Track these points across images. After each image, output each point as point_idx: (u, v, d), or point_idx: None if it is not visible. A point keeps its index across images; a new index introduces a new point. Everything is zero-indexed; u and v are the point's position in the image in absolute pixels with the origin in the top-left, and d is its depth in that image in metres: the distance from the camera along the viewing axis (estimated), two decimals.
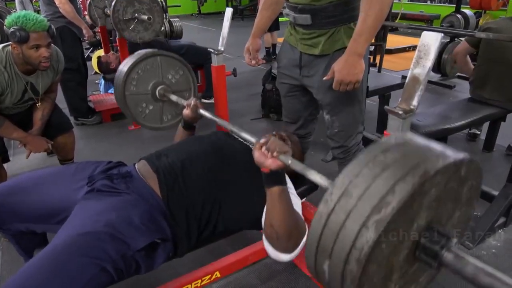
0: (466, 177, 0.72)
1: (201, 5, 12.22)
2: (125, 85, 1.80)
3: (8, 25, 1.66)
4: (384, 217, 0.60)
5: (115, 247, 1.02)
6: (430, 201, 0.67)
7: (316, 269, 0.71)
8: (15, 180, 1.30)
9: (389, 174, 0.63)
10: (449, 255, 0.67)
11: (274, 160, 1.03)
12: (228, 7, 1.90)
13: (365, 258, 0.61)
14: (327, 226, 0.66)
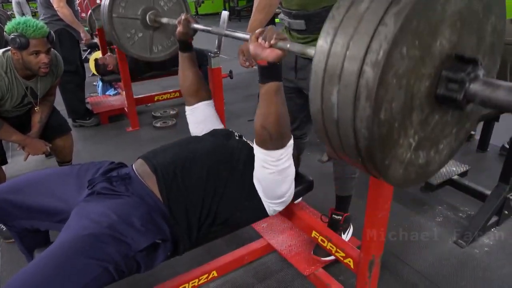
0: (490, 3, 0.65)
1: (199, 6, 12.26)
2: (112, 5, 1.69)
3: (9, 31, 1.68)
4: (405, 6, 0.52)
5: (117, 249, 1.04)
6: (454, 13, 0.59)
7: (323, 106, 0.63)
8: (21, 178, 1.32)
9: None
10: (476, 84, 0.60)
11: (272, 50, 0.99)
12: (225, 10, 1.92)
13: (384, 59, 0.53)
14: (335, 42, 0.58)
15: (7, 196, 1.26)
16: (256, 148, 1.19)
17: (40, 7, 3.20)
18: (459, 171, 2.27)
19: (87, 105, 3.68)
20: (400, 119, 0.62)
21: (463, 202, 2.21)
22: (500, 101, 0.57)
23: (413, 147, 0.69)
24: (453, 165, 2.33)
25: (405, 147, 0.68)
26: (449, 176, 2.22)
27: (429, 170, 0.79)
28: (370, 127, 0.58)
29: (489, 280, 1.69)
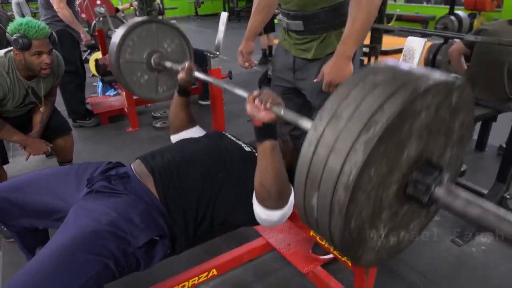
0: (458, 107, 0.69)
1: (198, 7, 12.26)
2: (120, 51, 1.76)
3: (11, 32, 1.70)
4: (373, 136, 0.58)
5: (117, 245, 1.06)
6: (420, 128, 0.64)
7: (305, 207, 0.69)
8: (21, 178, 1.34)
9: (379, 92, 0.60)
10: (440, 189, 0.65)
11: (267, 112, 1.03)
12: (224, 11, 1.94)
13: (353, 183, 0.59)
14: (316, 154, 0.64)
15: (7, 195, 1.28)
16: (255, 206, 1.20)
17: (41, 8, 3.22)
18: None
19: (87, 105, 3.70)
20: (369, 221, 0.68)
21: None
22: (456, 210, 0.64)
23: (383, 236, 0.75)
24: None
25: (376, 238, 0.74)
26: None
27: (400, 248, 0.84)
28: (341, 234, 0.65)
29: (486, 278, 1.71)
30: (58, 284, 0.95)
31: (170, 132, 1.67)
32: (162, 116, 3.72)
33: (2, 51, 1.82)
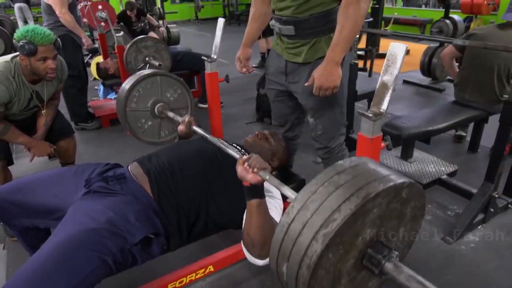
0: (408, 198, 0.83)
1: (199, 11, 12.36)
2: (126, 101, 1.93)
3: (18, 38, 1.77)
4: (330, 232, 0.71)
5: (114, 242, 1.12)
6: (373, 219, 0.78)
7: (277, 271, 0.81)
8: (22, 179, 1.41)
9: (339, 193, 0.74)
10: (389, 264, 0.79)
11: (254, 176, 1.12)
12: (224, 15, 2.01)
13: (313, 266, 0.72)
14: (287, 234, 0.77)
15: (8, 196, 1.35)
16: (244, 249, 1.25)
17: (44, 13, 3.30)
18: (448, 171, 2.35)
19: (89, 108, 3.77)
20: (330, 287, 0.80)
21: (452, 201, 2.29)
22: (401, 282, 0.77)
23: None
24: (442, 165, 2.42)
25: None
26: (438, 176, 2.30)
27: None
28: None
29: (474, 274, 1.77)
30: (58, 279, 1.01)
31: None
32: None
33: (8, 56, 1.90)
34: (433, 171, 2.35)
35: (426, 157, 2.53)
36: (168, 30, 5.78)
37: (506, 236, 2.00)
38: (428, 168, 2.38)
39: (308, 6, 1.46)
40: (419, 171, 2.35)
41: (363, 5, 1.33)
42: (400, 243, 0.93)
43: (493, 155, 1.98)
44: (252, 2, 1.80)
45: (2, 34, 3.73)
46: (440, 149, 2.98)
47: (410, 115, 2.51)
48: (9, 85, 1.82)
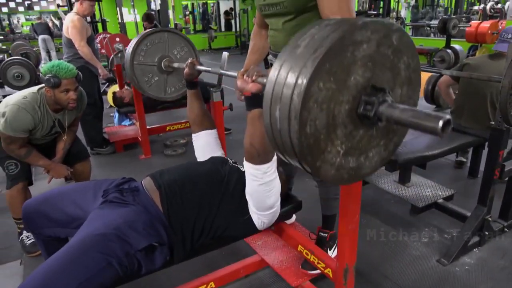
0: (400, 48, 0.83)
1: (212, 41, 12.84)
2: (134, 54, 2.01)
3: (44, 72, 1.98)
4: (318, 55, 0.72)
5: (120, 246, 1.25)
6: (364, 57, 0.78)
7: (271, 120, 0.83)
8: (47, 192, 1.57)
9: (328, 28, 0.77)
10: (383, 105, 0.80)
11: (254, 84, 1.23)
12: (225, 52, 2.19)
13: (304, 91, 0.73)
14: (279, 74, 0.79)
15: (37, 207, 1.52)
16: (246, 164, 1.40)
17: (64, 46, 3.57)
18: (445, 195, 2.43)
19: (104, 134, 3.97)
20: (325, 133, 0.81)
21: (449, 224, 2.35)
22: (395, 117, 0.78)
23: (342, 154, 0.87)
24: (439, 189, 2.50)
25: (334, 153, 0.86)
26: (434, 200, 2.38)
27: (361, 173, 0.96)
28: (299, 137, 0.78)
29: None
30: (68, 275, 1.14)
31: (192, 131, 1.90)
32: (173, 145, 3.96)
33: (35, 87, 2.11)
34: (430, 195, 2.43)
35: (424, 182, 2.62)
36: None
37: (501, 258, 2.06)
38: (425, 192, 2.46)
39: None
40: (416, 195, 2.44)
41: None
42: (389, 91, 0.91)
43: (484, 179, 2.06)
44: (251, 37, 1.98)
45: (28, 66, 4.01)
46: (441, 174, 3.06)
47: (407, 141, 2.62)
48: (34, 114, 2.02)
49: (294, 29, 1.60)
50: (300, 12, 1.56)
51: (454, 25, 5.24)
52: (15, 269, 2.13)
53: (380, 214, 2.52)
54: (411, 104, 0.94)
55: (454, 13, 9.09)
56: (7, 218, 2.54)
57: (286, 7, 1.56)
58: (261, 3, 1.67)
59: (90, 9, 3.53)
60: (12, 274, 2.09)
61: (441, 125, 0.70)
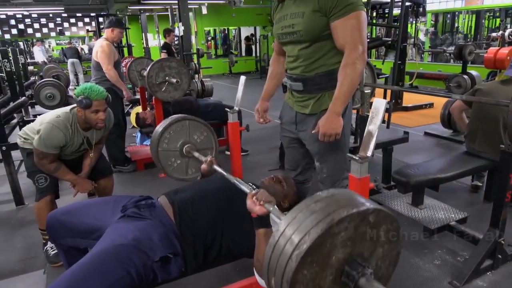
0: (377, 223, 0.95)
1: (232, 66, 13.16)
2: (158, 142, 2.23)
3: (77, 94, 2.15)
4: (300, 252, 0.84)
5: (138, 257, 1.35)
6: (343, 241, 0.89)
7: (269, 283, 0.95)
8: (70, 205, 1.70)
9: (311, 219, 0.88)
10: (363, 279, 0.91)
11: (261, 208, 1.33)
12: (242, 76, 2.32)
13: (290, 281, 0.85)
14: (273, 253, 0.92)
15: (60, 218, 1.64)
16: (255, 274, 1.45)
17: (93, 69, 3.81)
18: (458, 218, 2.44)
19: (126, 153, 4.14)
20: None
21: (462, 247, 2.35)
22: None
23: None
24: (452, 212, 2.51)
25: None
26: (447, 222, 2.39)
27: None
28: None
29: None
30: (90, 281, 1.24)
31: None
32: None
33: (68, 107, 2.29)
34: (443, 217, 2.44)
35: (437, 204, 2.63)
36: (203, 83, 6.27)
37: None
38: (438, 215, 2.48)
39: (313, 66, 1.73)
40: (428, 217, 2.46)
41: (358, 66, 1.59)
42: (382, 262, 1.03)
43: (495, 202, 2.08)
44: (270, 63, 2.11)
45: (59, 87, 4.27)
46: (456, 198, 3.06)
47: (420, 164, 2.66)
48: (66, 132, 2.18)
49: (309, 56, 1.72)
50: (315, 41, 1.68)
51: (470, 51, 5.29)
52: (38, 278, 2.24)
53: None
54: (394, 255, 1.04)
55: (474, 39, 9.13)
56: (33, 230, 2.69)
57: (302, 35, 1.68)
58: (279, 32, 1.80)
59: (119, 36, 3.78)
60: (35, 282, 2.21)
61: None
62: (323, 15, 1.61)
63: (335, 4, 1.56)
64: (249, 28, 14.96)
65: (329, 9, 1.58)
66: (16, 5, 10.91)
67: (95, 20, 10.42)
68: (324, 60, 1.72)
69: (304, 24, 1.65)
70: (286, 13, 1.74)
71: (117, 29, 3.68)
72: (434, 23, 10.43)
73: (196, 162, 2.32)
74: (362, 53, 1.60)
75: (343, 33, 1.59)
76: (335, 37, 1.63)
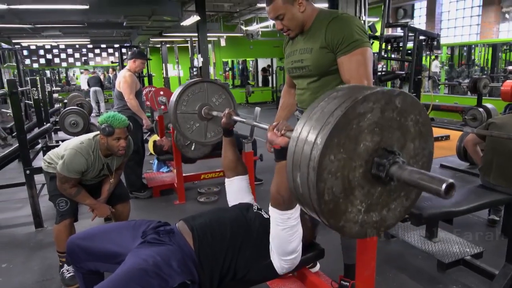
0: (405, 109, 0.89)
1: (249, 96, 13.40)
2: (177, 104, 2.22)
3: (101, 122, 2.27)
4: (326, 131, 0.80)
5: (157, 282, 1.39)
6: (370, 125, 0.84)
7: (294, 185, 0.90)
8: (90, 229, 1.76)
9: (334, 102, 0.84)
10: (394, 167, 0.86)
11: (283, 138, 1.33)
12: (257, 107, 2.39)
13: (317, 165, 0.79)
14: (297, 145, 0.87)
15: (79, 242, 1.70)
16: (271, 210, 1.52)
17: (115, 98, 3.98)
18: (473, 252, 2.40)
19: (143, 179, 4.23)
20: (343, 197, 0.88)
21: (478, 283, 2.30)
22: (404, 178, 0.86)
23: (363, 211, 0.94)
24: (467, 246, 2.47)
25: (355, 212, 0.93)
26: (462, 256, 2.36)
27: (386, 224, 1.01)
28: (319, 205, 0.87)
29: None
30: None
31: (226, 176, 2.04)
32: (206, 192, 4.13)
33: (91, 134, 2.41)
34: (457, 251, 2.41)
35: (452, 238, 2.60)
36: None
37: None
38: (452, 249, 2.45)
39: None
40: (442, 250, 2.43)
41: None
42: (415, 162, 0.97)
43: (510, 237, 2.06)
44: (281, 94, 2.20)
45: (82, 115, 4.46)
46: (472, 232, 3.00)
47: (432, 196, 2.64)
48: (88, 157, 2.29)
49: (318, 89, 1.80)
50: (323, 75, 1.75)
51: (485, 84, 5.31)
52: None
53: (406, 269, 2.50)
54: (425, 155, 1.01)
55: (490, 72, 9.13)
56: (50, 252, 2.76)
57: (311, 70, 1.76)
58: (289, 66, 1.89)
59: (141, 67, 3.96)
60: None
61: (444, 188, 0.77)
62: (330, 51, 1.69)
63: (341, 41, 1.64)
64: (266, 59, 15.33)
65: (335, 45, 1.66)
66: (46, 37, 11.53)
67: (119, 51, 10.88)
68: None
69: (312, 59, 1.73)
70: (295, 48, 1.84)
71: (139, 60, 3.86)
72: (450, 55, 10.50)
73: (215, 125, 2.32)
74: None
75: (349, 69, 1.66)
76: (341, 72, 1.70)
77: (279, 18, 1.72)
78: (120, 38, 13.85)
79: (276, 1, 1.68)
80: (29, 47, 14.46)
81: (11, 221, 3.53)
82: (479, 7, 10.90)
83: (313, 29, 1.74)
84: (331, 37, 1.66)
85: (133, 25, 10.17)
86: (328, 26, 1.67)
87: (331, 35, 1.67)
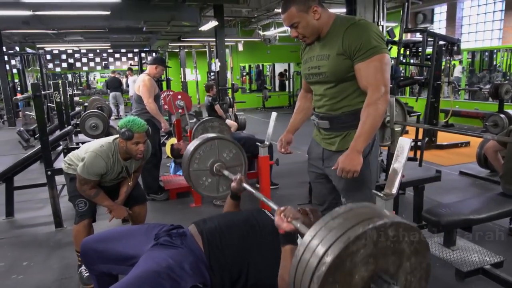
0: (398, 235, 0.92)
1: (266, 100, 13.43)
2: (190, 163, 2.30)
3: (120, 126, 2.32)
4: (321, 273, 0.85)
5: (170, 284, 1.41)
6: (364, 258, 0.88)
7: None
8: (104, 232, 1.80)
9: (330, 236, 0.88)
10: None
11: (289, 224, 1.36)
12: (274, 112, 2.42)
13: None
14: (296, 274, 0.92)
15: (93, 245, 1.73)
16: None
17: (134, 102, 4.06)
18: (493, 261, 2.34)
19: (160, 182, 4.29)
20: None
21: None
22: None
23: None
24: (487, 255, 2.42)
25: None
26: (481, 265, 2.30)
27: None
28: None
29: None
30: None
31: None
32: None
33: (111, 137, 2.46)
34: (477, 260, 2.35)
35: (471, 246, 2.55)
36: (236, 117, 6.47)
37: None
38: (471, 257, 2.40)
39: (339, 106, 1.81)
40: (460, 259, 2.38)
41: (380, 106, 1.64)
42: (412, 276, 0.98)
43: None
44: (298, 98, 2.21)
45: (102, 118, 4.57)
46: (493, 241, 2.93)
47: (452, 203, 2.60)
48: (108, 161, 2.34)
49: (334, 95, 1.80)
50: (340, 81, 1.76)
51: (507, 90, 5.19)
52: None
53: None
54: (423, 267, 1.01)
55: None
56: (69, 251, 2.82)
57: (328, 77, 1.77)
58: (306, 72, 1.90)
59: (161, 73, 4.06)
60: None
61: None
62: (347, 57, 1.69)
63: (359, 48, 1.64)
64: (283, 64, 15.36)
65: (353, 52, 1.66)
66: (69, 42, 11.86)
67: (138, 55, 11.09)
68: (349, 100, 1.79)
69: (329, 66, 1.74)
70: (312, 54, 1.84)
71: (161, 66, 3.95)
72: (470, 60, 10.29)
73: (227, 179, 2.36)
74: (384, 93, 1.65)
75: (366, 75, 1.66)
76: (358, 78, 1.70)
77: (294, 26, 1.74)
78: (140, 42, 14.13)
79: (291, 10, 1.69)
80: (52, 52, 14.87)
81: (32, 220, 3.63)
82: (502, 12, 10.67)
83: (330, 36, 1.75)
84: (349, 43, 1.67)
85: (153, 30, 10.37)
86: (346, 33, 1.68)
87: (349, 42, 1.67)
